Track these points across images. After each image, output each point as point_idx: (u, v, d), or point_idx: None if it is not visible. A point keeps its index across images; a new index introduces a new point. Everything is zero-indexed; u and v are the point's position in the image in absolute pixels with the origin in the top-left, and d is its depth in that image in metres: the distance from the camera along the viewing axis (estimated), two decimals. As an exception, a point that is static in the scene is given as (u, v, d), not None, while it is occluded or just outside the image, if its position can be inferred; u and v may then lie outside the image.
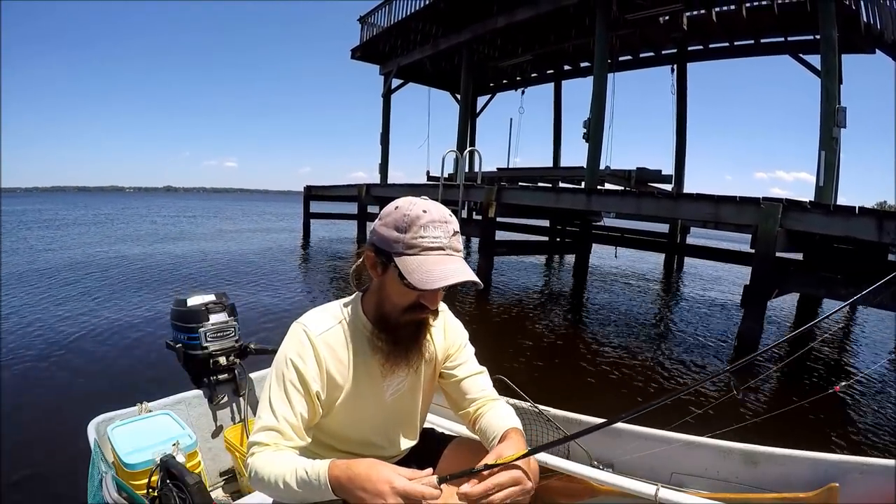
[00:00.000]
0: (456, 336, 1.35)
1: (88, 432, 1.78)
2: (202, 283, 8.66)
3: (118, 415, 1.94)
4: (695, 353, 5.59)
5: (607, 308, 7.93)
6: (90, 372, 4.38)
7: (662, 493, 1.45)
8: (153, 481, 1.57)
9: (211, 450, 2.20)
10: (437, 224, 1.04)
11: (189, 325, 2.20)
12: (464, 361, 1.35)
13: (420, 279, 0.99)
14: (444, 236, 1.05)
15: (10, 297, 7.02)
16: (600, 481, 1.58)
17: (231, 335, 2.29)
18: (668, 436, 1.67)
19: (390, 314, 1.13)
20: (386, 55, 13.87)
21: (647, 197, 6.79)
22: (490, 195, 8.28)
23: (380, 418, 1.25)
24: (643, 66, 11.63)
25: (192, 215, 33.83)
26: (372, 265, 1.13)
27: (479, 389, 1.33)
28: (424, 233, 1.03)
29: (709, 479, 1.60)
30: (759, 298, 5.08)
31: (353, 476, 0.95)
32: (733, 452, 1.57)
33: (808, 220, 4.83)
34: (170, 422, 1.93)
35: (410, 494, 0.90)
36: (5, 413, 3.51)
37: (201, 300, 2.24)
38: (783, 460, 1.50)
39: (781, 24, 8.67)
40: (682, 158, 11.24)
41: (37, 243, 14.40)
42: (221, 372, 2.25)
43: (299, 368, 1.11)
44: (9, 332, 5.41)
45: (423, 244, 1.03)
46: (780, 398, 4.37)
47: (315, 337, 1.13)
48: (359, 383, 1.18)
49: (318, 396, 1.13)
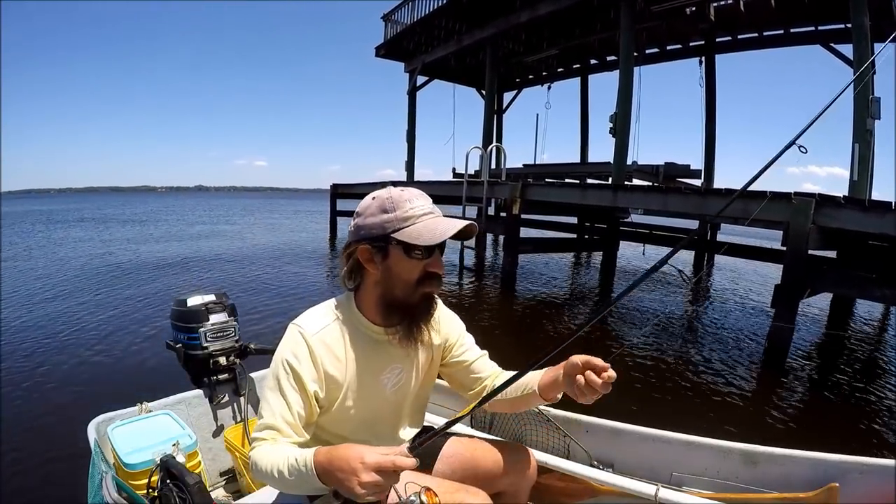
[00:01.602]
0: (453, 325, 1.40)
1: (88, 432, 1.79)
2: (226, 280, 8.80)
3: (118, 415, 1.95)
4: (724, 355, 5.42)
5: (635, 307, 7.79)
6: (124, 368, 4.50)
7: (662, 493, 1.47)
8: (153, 481, 1.57)
9: (211, 450, 2.21)
10: (418, 196, 1.15)
11: (189, 325, 2.20)
12: (468, 347, 1.40)
13: (430, 237, 1.09)
14: (429, 204, 1.15)
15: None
16: (600, 481, 1.60)
17: (231, 335, 2.29)
18: (668, 436, 1.67)
19: (402, 295, 1.17)
20: (410, 52, 13.86)
21: (674, 192, 6.61)
22: (514, 192, 8.19)
23: (384, 411, 1.29)
24: (671, 58, 11.38)
25: (226, 213, 34.49)
26: (368, 258, 1.16)
27: (488, 367, 1.40)
28: (412, 205, 1.12)
29: (709, 479, 1.60)
30: (790, 298, 4.86)
31: (332, 459, 0.97)
32: (733, 452, 1.57)
33: (842, 216, 4.61)
34: (170, 422, 1.94)
35: (382, 465, 0.92)
36: (5, 413, 3.56)
37: (201, 300, 2.24)
38: (783, 460, 1.50)
39: (811, 12, 8.38)
40: (712, 153, 10.97)
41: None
42: (221, 372, 2.26)
43: (295, 368, 1.13)
44: (35, 326, 5.62)
45: (415, 213, 1.12)
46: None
47: (310, 336, 1.16)
48: (358, 379, 1.21)
49: (317, 395, 1.16)
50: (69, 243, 15.16)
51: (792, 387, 4.59)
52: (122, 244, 14.96)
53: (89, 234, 18.57)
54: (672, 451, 1.65)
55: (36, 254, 12.57)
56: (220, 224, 25.55)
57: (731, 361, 5.18)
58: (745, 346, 5.77)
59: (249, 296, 7.45)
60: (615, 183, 7.95)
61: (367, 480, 0.91)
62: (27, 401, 3.80)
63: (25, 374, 4.33)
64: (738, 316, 7.41)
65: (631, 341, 5.59)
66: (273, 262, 11.30)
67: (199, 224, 25.01)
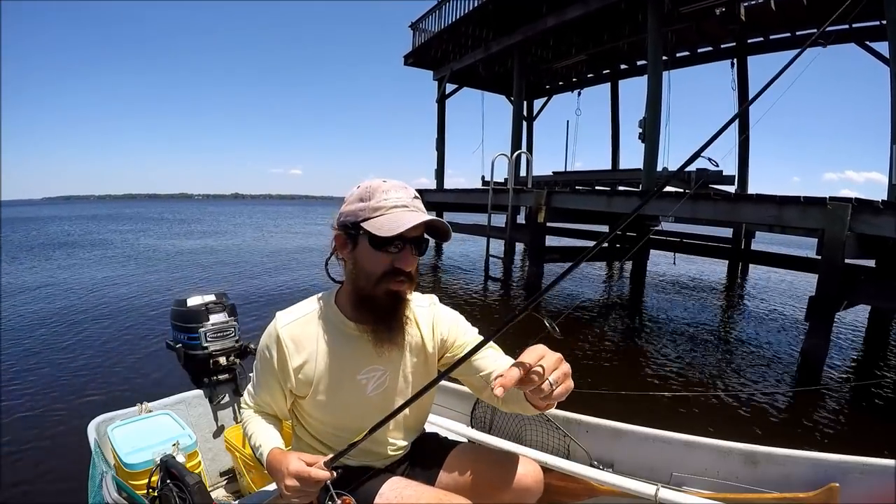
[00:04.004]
0: (448, 323, 1.33)
1: (88, 432, 1.81)
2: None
3: (118, 415, 1.97)
4: (755, 371, 5.16)
5: (664, 318, 7.54)
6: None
7: (662, 493, 1.46)
8: (153, 481, 1.58)
9: (211, 450, 2.24)
10: (397, 188, 1.13)
11: (189, 325, 2.22)
12: (467, 342, 1.31)
13: (389, 228, 1.05)
14: (406, 197, 1.12)
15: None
16: (600, 481, 1.60)
17: (231, 335, 2.31)
18: (668, 436, 1.68)
19: (366, 287, 1.15)
20: (438, 60, 13.88)
21: (704, 199, 6.36)
22: (539, 199, 8.08)
23: (368, 414, 1.18)
24: (701, 61, 11.05)
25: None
26: (342, 244, 1.17)
27: (493, 363, 1.20)
28: (387, 196, 1.11)
29: (709, 479, 1.60)
30: (825, 311, 4.59)
31: (273, 461, 1.13)
32: (733, 452, 1.57)
33: (880, 222, 4.33)
34: (170, 422, 1.95)
35: (300, 473, 1.03)
36: (6, 413, 3.60)
37: (201, 300, 2.26)
38: (783, 460, 1.50)
39: (844, 9, 8.02)
40: (746, 158, 10.64)
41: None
42: (221, 372, 2.29)
43: (267, 359, 1.21)
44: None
45: (387, 205, 1.09)
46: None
47: (280, 328, 1.19)
48: (329, 374, 1.20)
49: (290, 385, 1.21)
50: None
51: (825, 406, 4.34)
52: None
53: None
54: (672, 451, 1.66)
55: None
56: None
57: (764, 380, 4.93)
58: (777, 362, 5.50)
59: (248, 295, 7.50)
60: (644, 189, 7.74)
61: (289, 484, 1.04)
62: (28, 400, 3.85)
63: (26, 373, 4.40)
64: (770, 329, 7.11)
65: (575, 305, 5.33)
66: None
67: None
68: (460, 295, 8.75)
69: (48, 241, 18.71)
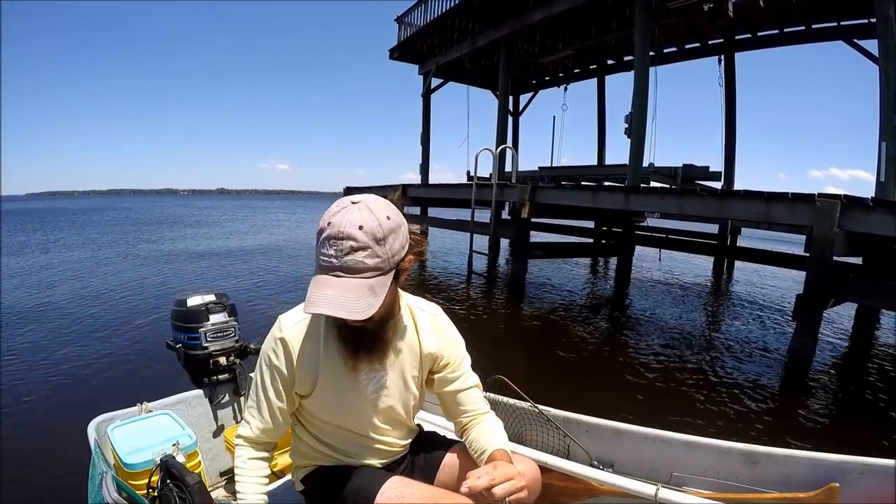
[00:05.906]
0: (451, 345, 1.35)
1: (88, 432, 1.80)
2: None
3: (118, 415, 1.97)
4: (742, 369, 5.10)
5: (649, 316, 7.49)
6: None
7: (662, 493, 1.46)
8: (153, 481, 1.57)
9: (211, 450, 2.25)
10: (332, 241, 0.98)
11: (189, 325, 2.22)
12: (461, 374, 1.35)
13: (308, 298, 0.98)
14: (337, 255, 0.98)
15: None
16: (600, 481, 1.60)
17: (231, 335, 2.31)
18: (668, 436, 1.69)
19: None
20: (424, 54, 13.72)
21: (691, 195, 6.25)
22: (523, 194, 7.93)
23: (364, 416, 1.26)
24: (689, 57, 10.98)
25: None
26: None
27: (472, 403, 1.35)
28: (322, 250, 1.00)
29: (709, 479, 1.61)
30: (813, 309, 4.52)
31: None
32: (733, 452, 1.58)
33: (870, 220, 4.23)
34: (170, 422, 1.96)
35: None
36: (5, 413, 3.58)
37: (201, 300, 2.26)
38: (783, 460, 1.50)
39: (834, 7, 8.02)
40: (732, 155, 10.58)
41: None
42: (222, 372, 2.29)
43: (272, 361, 1.20)
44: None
45: (319, 262, 1.01)
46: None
47: (285, 329, 1.19)
48: (333, 375, 1.20)
49: (295, 387, 1.21)
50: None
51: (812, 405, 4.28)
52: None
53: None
54: (672, 451, 1.67)
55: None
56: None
57: (752, 378, 4.86)
58: (764, 362, 5.43)
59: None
60: (630, 185, 7.65)
61: None
62: (27, 400, 3.84)
63: (26, 373, 4.38)
64: (757, 327, 7.07)
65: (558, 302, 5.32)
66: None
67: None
68: (443, 290, 8.64)
69: (43, 241, 18.34)
